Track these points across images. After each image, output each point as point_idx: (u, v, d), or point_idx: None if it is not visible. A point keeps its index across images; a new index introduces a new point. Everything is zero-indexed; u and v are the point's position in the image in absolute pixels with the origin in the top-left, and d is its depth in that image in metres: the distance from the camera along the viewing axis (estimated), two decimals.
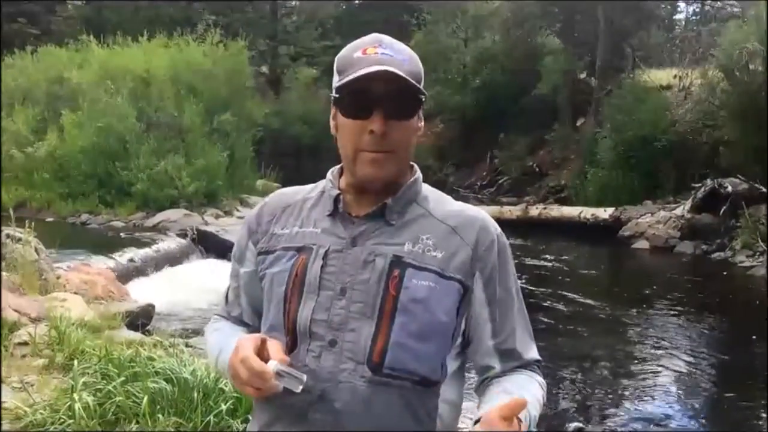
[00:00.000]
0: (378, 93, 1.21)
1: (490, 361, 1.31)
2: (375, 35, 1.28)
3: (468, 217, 1.31)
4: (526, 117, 19.59)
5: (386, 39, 1.27)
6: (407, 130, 1.26)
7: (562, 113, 18.99)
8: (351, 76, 1.21)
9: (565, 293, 9.62)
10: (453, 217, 1.30)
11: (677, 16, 25.34)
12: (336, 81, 1.25)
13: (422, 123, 1.32)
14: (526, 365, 1.33)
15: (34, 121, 14.77)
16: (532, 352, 1.34)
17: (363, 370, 1.20)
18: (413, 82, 1.22)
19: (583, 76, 20.13)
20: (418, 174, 1.35)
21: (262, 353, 1.17)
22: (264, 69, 26.55)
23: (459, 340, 1.29)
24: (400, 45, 1.28)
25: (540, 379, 1.32)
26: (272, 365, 1.14)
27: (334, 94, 1.26)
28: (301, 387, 1.15)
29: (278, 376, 1.14)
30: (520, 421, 1.10)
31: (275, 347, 1.18)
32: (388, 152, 1.24)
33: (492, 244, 1.29)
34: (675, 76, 17.54)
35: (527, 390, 1.25)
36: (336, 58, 1.28)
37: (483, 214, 1.34)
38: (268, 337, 1.21)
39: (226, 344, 1.28)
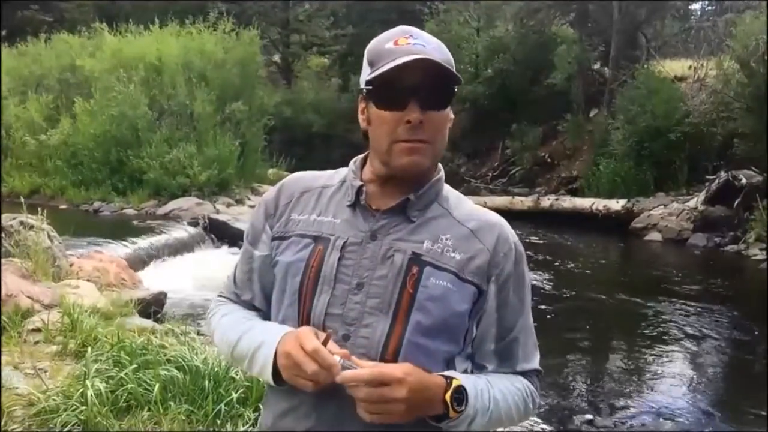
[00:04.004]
0: (414, 82, 1.19)
1: (487, 362, 1.30)
2: (403, 27, 1.27)
3: (488, 221, 1.31)
4: (538, 107, 19.46)
5: (415, 30, 1.26)
6: (442, 119, 1.25)
7: (575, 103, 18.83)
8: (387, 66, 1.18)
9: (577, 285, 9.59)
10: (473, 220, 1.30)
11: (692, 6, 25.06)
12: (367, 73, 1.23)
13: (452, 114, 1.30)
14: (523, 374, 1.32)
15: (47, 108, 14.89)
16: (532, 363, 1.34)
17: None
18: (450, 68, 1.21)
19: (596, 66, 19.93)
20: (442, 173, 1.34)
21: None
22: (276, 58, 26.57)
23: (470, 342, 1.28)
24: (429, 36, 1.26)
25: (527, 385, 1.31)
26: (337, 359, 1.13)
27: (365, 86, 1.24)
28: None
29: (342, 369, 1.13)
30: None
31: (330, 341, 1.16)
32: (425, 142, 1.23)
33: (510, 251, 1.29)
34: (690, 67, 17.37)
35: (496, 385, 1.25)
36: (366, 51, 1.26)
37: (502, 220, 1.33)
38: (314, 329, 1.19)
39: (265, 334, 1.24)
